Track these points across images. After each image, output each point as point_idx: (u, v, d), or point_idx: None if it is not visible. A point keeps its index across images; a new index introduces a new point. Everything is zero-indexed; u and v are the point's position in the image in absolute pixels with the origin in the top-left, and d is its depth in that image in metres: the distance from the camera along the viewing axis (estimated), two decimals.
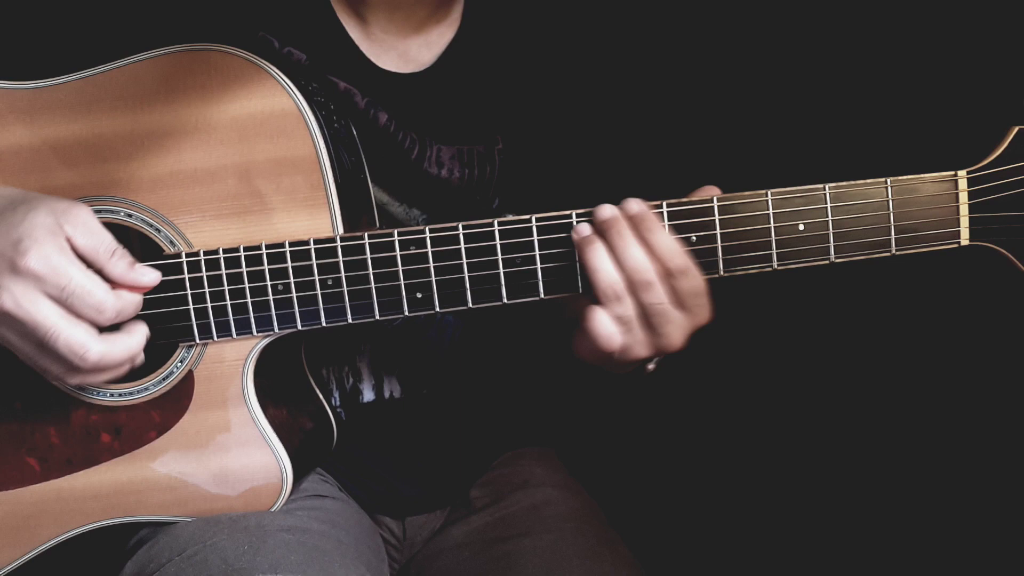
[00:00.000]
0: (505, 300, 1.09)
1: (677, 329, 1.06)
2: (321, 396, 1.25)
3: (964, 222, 1.05)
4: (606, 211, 1.05)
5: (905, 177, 1.05)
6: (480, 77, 1.31)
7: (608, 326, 1.04)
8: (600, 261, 1.04)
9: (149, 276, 1.08)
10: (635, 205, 1.05)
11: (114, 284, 1.05)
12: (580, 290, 1.08)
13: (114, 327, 1.08)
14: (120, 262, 1.05)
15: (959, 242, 1.05)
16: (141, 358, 1.09)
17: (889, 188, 1.05)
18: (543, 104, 1.34)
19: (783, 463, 1.84)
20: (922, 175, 1.05)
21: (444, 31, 1.31)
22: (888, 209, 1.05)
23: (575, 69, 1.36)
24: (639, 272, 1.04)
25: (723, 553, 1.84)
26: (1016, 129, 1.03)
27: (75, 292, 1.01)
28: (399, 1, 1.26)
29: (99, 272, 1.04)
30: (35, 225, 1.01)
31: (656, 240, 1.04)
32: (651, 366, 1.14)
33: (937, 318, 1.71)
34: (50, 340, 1.02)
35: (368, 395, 1.34)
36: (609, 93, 1.38)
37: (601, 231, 1.05)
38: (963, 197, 1.04)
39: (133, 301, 1.06)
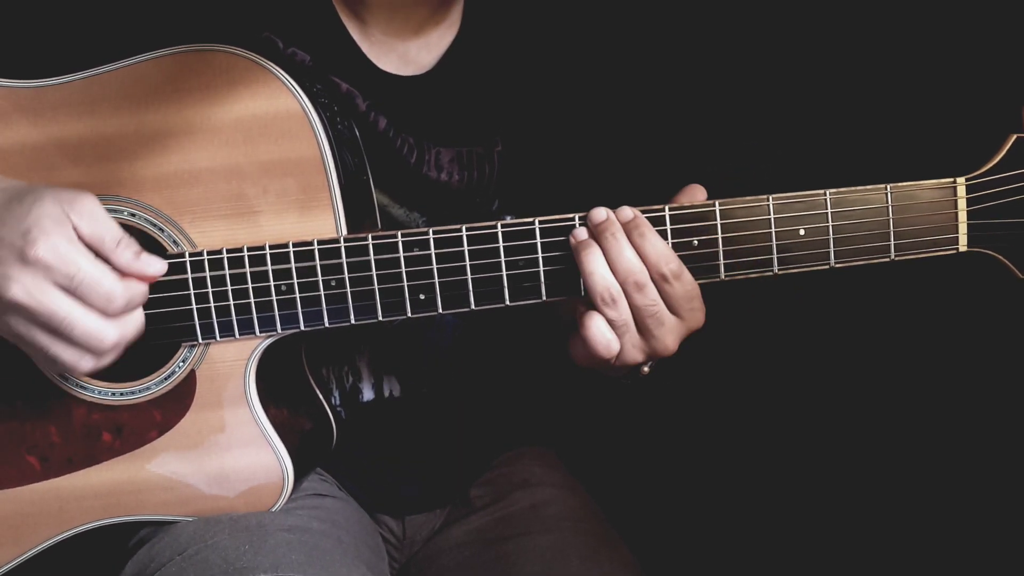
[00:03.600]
0: (508, 302, 1.12)
1: (670, 333, 1.10)
2: (321, 396, 1.28)
3: (962, 228, 1.08)
4: (600, 214, 1.09)
5: (905, 184, 1.08)
6: (480, 79, 1.34)
7: (604, 331, 1.08)
8: (595, 264, 1.07)
9: (155, 266, 1.09)
10: (628, 211, 1.09)
11: (120, 273, 1.06)
12: (582, 293, 1.11)
13: None
14: (126, 251, 1.06)
15: (957, 248, 1.08)
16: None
17: (889, 194, 1.08)
18: (542, 106, 1.37)
19: (782, 464, 1.87)
20: (921, 182, 1.08)
21: (444, 33, 1.34)
22: (888, 215, 1.08)
23: (575, 71, 1.39)
24: (632, 274, 1.07)
25: (723, 553, 1.86)
26: (1014, 137, 1.06)
27: (85, 281, 1.03)
28: (398, 3, 1.29)
29: (105, 261, 1.05)
30: (42, 215, 1.02)
31: (649, 244, 1.08)
32: (646, 369, 1.18)
33: (935, 322, 1.74)
34: (65, 328, 1.03)
35: (368, 394, 1.37)
36: (609, 95, 1.41)
37: (595, 234, 1.09)
38: (961, 204, 1.07)
39: (141, 291, 1.08)
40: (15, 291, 1.02)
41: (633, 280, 1.07)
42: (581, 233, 1.09)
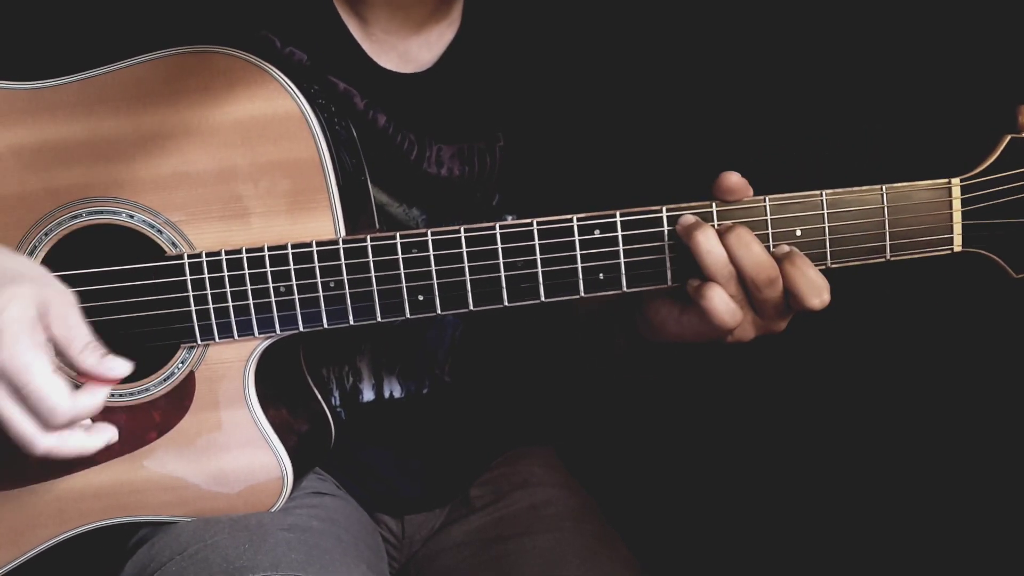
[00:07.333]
0: (506, 303, 1.14)
1: (782, 316, 1.13)
2: (319, 396, 1.30)
3: (957, 228, 1.10)
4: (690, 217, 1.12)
5: (900, 184, 1.10)
6: (481, 76, 1.37)
7: (727, 302, 1.09)
8: (712, 243, 1.09)
9: (118, 369, 1.06)
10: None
11: (84, 374, 1.06)
12: (581, 293, 1.13)
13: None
14: (91, 356, 1.04)
15: (952, 248, 1.10)
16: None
17: (884, 195, 1.09)
18: (543, 101, 1.39)
19: (782, 463, 1.89)
20: (916, 182, 1.10)
21: (444, 31, 1.36)
22: (883, 216, 1.10)
23: (575, 66, 1.41)
24: (763, 269, 1.10)
25: (723, 553, 1.89)
26: (1008, 138, 1.08)
27: (32, 394, 1.01)
28: (399, 1, 1.31)
29: (70, 362, 1.05)
30: (14, 318, 1.01)
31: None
32: None
33: (931, 322, 1.76)
34: (3, 424, 1.03)
35: (368, 395, 1.39)
36: (609, 90, 1.43)
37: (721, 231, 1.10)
38: (956, 204, 1.09)
39: (90, 405, 1.05)
40: None
41: (766, 276, 1.09)
42: (689, 219, 1.11)
